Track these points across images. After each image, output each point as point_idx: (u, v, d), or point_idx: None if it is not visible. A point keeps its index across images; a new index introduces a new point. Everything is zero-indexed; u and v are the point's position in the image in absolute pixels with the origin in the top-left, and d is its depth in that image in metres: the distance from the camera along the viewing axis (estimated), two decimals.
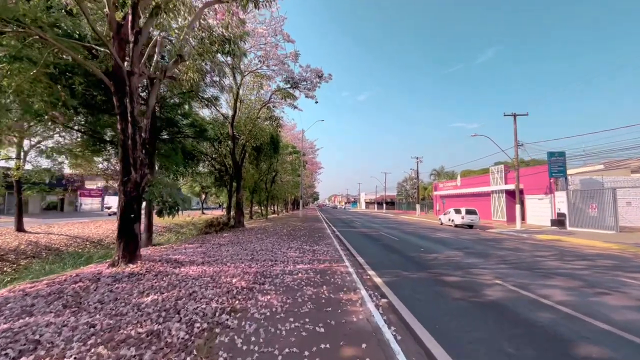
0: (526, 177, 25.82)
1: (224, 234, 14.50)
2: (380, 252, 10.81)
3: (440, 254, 10.31)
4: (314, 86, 18.97)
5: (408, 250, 11.06)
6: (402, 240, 14.09)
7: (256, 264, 7.24)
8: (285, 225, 20.14)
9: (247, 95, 18.87)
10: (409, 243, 13.22)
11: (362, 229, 20.22)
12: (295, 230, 16.89)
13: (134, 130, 6.76)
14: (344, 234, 16.76)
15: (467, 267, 8.23)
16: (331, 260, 8.12)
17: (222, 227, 15.86)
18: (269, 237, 12.75)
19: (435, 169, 55.84)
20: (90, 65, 6.67)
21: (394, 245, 12.41)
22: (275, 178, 30.05)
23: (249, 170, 20.03)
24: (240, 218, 16.70)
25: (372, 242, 13.43)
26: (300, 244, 11.20)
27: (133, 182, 6.86)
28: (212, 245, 10.63)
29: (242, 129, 17.53)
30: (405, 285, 6.22)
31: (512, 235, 18.32)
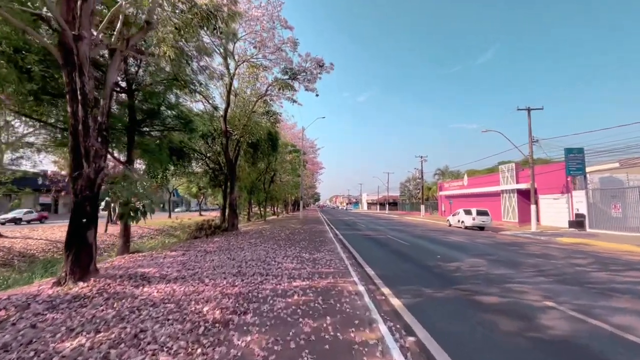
0: (539, 175, 24.28)
1: (214, 239, 13.06)
2: (391, 260, 9.34)
3: (461, 263, 8.83)
4: (314, 77, 17.55)
5: (423, 258, 9.59)
6: (413, 246, 12.61)
7: (241, 281, 5.78)
8: (283, 228, 18.70)
9: (242, 89, 17.45)
10: (421, 248, 11.75)
11: (366, 232, 18.75)
12: (294, 233, 15.43)
13: (85, 113, 5.33)
14: (348, 237, 15.29)
15: (500, 280, 6.76)
16: (335, 274, 6.66)
17: (214, 231, 14.43)
18: (263, 243, 11.30)
19: (440, 169, 54.37)
20: (32, 32, 5.26)
21: (405, 252, 10.94)
22: (274, 178, 28.62)
23: (245, 168, 18.64)
24: (234, 221, 15.27)
25: (380, 248, 11.96)
26: (299, 251, 9.74)
27: (85, 178, 5.43)
28: (197, 253, 9.18)
29: (236, 123, 16.11)
30: (433, 310, 4.76)
31: (530, 238, 16.81)
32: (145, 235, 23.52)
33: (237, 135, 15.64)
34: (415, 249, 11.73)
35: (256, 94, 16.87)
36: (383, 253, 10.72)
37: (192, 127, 11.60)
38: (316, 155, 55.28)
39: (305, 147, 42.21)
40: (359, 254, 10.13)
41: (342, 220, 33.11)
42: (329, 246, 11.01)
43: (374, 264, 8.45)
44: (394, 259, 9.59)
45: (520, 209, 27.37)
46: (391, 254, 10.43)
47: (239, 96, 17.09)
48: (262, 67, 17.25)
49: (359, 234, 17.70)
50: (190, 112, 12.32)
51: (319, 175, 66.92)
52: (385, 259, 9.55)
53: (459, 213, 24.43)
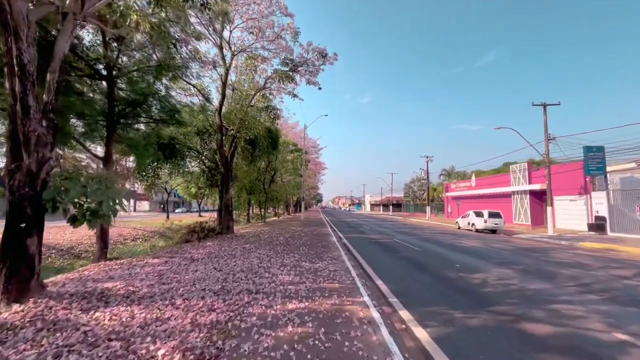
0: (554, 175, 22.92)
1: (206, 243, 11.90)
2: (405, 269, 8.12)
3: (486, 274, 7.59)
4: (316, 70, 16.39)
5: (440, 267, 8.36)
6: (425, 251, 11.38)
7: (223, 302, 4.59)
8: (283, 230, 17.51)
9: (239, 82, 16.32)
10: (435, 255, 10.51)
11: (372, 235, 17.52)
12: (295, 237, 14.23)
13: (24, 89, 4.18)
14: (353, 242, 14.07)
15: (542, 299, 5.52)
16: (341, 291, 5.45)
17: (207, 234, 13.28)
18: (259, 249, 10.11)
19: (446, 169, 52.94)
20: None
21: (418, 259, 9.71)
22: (274, 177, 27.45)
23: (242, 167, 17.49)
24: (229, 223, 14.10)
25: (389, 254, 10.74)
26: (298, 258, 8.54)
27: (25, 172, 4.28)
28: (182, 261, 8.02)
29: (232, 117, 14.97)
30: (474, 348, 3.54)
31: (550, 243, 15.50)
32: (139, 237, 22.42)
33: (233, 130, 14.49)
34: (428, 255, 10.50)
35: (254, 87, 15.73)
36: (393, 261, 9.49)
37: (180, 119, 10.45)
38: (318, 155, 54.13)
39: (307, 147, 41.06)
40: (367, 262, 8.90)
41: (345, 222, 31.88)
42: (332, 253, 9.80)
43: (385, 275, 7.24)
44: (407, 268, 8.36)
45: (532, 211, 26.01)
46: (403, 262, 9.20)
47: (236, 90, 15.96)
48: (260, 58, 16.14)
49: (364, 237, 16.47)
50: (179, 105, 11.17)
51: (321, 176, 65.80)
52: (397, 268, 8.33)
53: (469, 215, 23.13)
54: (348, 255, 9.87)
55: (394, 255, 10.45)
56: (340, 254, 9.72)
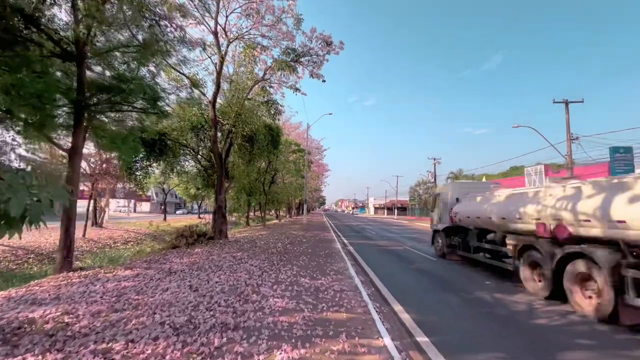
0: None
1: (194, 250, 10.53)
2: (426, 288, 6.66)
3: (530, 297, 6.11)
4: (320, 61, 15.05)
5: (468, 285, 6.90)
6: (444, 263, 9.90)
7: (181, 347, 3.17)
8: (283, 235, 16.10)
9: (237, 75, 15.01)
10: (457, 268, 9.03)
11: (379, 241, 16.04)
12: (295, 243, 12.82)
13: None
14: (359, 249, 12.62)
15: None
16: (351, 326, 4.01)
17: (197, 239, 11.91)
18: (252, 258, 8.69)
19: (453, 172, 51.24)
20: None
21: (438, 273, 8.24)
22: (275, 178, 26.07)
23: (239, 165, 16.15)
24: (222, 227, 12.71)
25: (403, 266, 9.27)
26: (297, 272, 7.12)
27: None
28: (155, 274, 6.65)
29: (227, 111, 13.66)
30: None
31: None
32: (131, 240, 21.13)
33: (228, 124, 13.17)
34: (447, 267, 9.02)
35: (252, 79, 14.41)
36: (409, 275, 8.03)
37: (162, 109, 9.12)
38: (322, 157, 52.82)
39: (311, 147, 39.73)
40: (378, 276, 7.45)
41: (350, 225, 30.39)
42: (337, 264, 8.36)
43: (404, 296, 5.79)
44: (430, 286, 6.90)
45: None
46: (421, 277, 7.74)
47: (234, 83, 14.64)
48: (260, 48, 14.85)
49: (371, 244, 15.00)
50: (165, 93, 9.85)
51: (324, 178, 64.43)
52: (417, 285, 6.88)
53: None
54: (355, 267, 8.43)
55: (409, 268, 8.98)
56: (346, 265, 8.28)
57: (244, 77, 14.25)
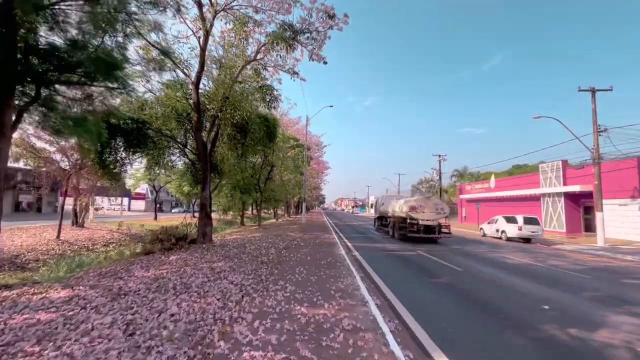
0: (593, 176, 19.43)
1: (169, 257, 8.70)
2: (470, 319, 4.83)
3: (614, 330, 4.30)
4: (322, 39, 13.20)
5: (522, 312, 5.09)
6: (471, 274, 8.09)
7: None
8: (278, 237, 14.26)
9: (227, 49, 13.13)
10: (492, 283, 7.21)
11: (387, 244, 14.20)
12: (291, 248, 11.00)
13: None
14: (366, 255, 10.79)
15: None
16: None
17: (176, 243, 10.09)
18: (234, 272, 6.85)
19: (458, 170, 49.38)
20: None
21: (474, 291, 6.42)
22: (271, 174, 24.19)
23: (229, 158, 14.27)
24: (206, 229, 10.85)
25: (425, 280, 7.44)
26: (291, 294, 5.29)
27: None
28: (96, 297, 4.82)
29: (214, 95, 11.82)
30: None
31: (619, 259, 12.12)
32: (113, 241, 19.18)
33: (214, 109, 11.33)
34: (480, 282, 7.21)
35: (244, 58, 12.55)
36: (439, 296, 6.19)
37: (122, 80, 7.23)
38: (322, 154, 50.98)
39: (310, 143, 37.88)
40: (400, 298, 5.62)
41: (351, 225, 28.55)
42: (343, 279, 6.53)
43: (446, 336, 3.97)
44: (470, 313, 5.08)
45: (568, 217, 22.56)
46: (455, 299, 5.90)
47: (222, 63, 12.77)
48: (252, 24, 12.96)
49: (378, 248, 13.18)
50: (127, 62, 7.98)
51: (324, 176, 62.57)
52: (455, 314, 5.03)
53: (498, 221, 19.76)
54: (366, 281, 6.60)
55: (433, 283, 7.15)
56: (354, 281, 6.45)
57: (233, 55, 12.37)
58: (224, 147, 14.14)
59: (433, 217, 15.11)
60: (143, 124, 12.83)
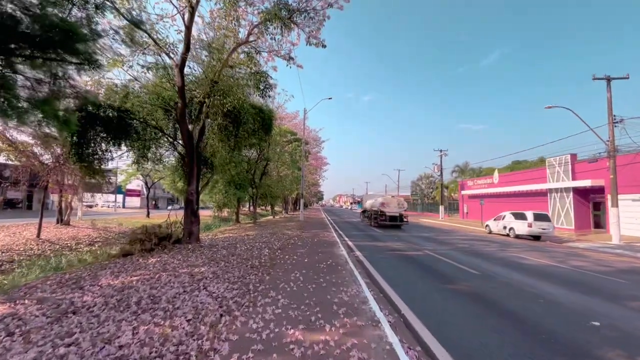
0: (604, 170, 18.51)
1: (148, 260, 7.66)
2: (498, 334, 3.82)
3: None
4: (320, 20, 12.13)
5: (556, 323, 4.10)
6: (491, 279, 7.10)
7: None
8: (273, 236, 13.23)
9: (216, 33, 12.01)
10: (521, 291, 6.20)
11: (390, 243, 13.21)
12: (287, 249, 9.99)
13: None
14: (371, 256, 9.79)
15: None
16: None
17: (158, 243, 9.05)
18: (217, 279, 5.82)
19: (459, 165, 48.47)
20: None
21: (503, 301, 5.41)
22: (266, 169, 23.08)
23: (219, 150, 13.18)
24: (192, 227, 9.79)
25: (442, 287, 6.43)
26: (283, 310, 4.27)
27: None
28: (32, 318, 3.78)
29: (202, 80, 10.73)
30: None
31: (639, 257, 11.20)
32: (99, 240, 18.08)
33: (200, 95, 10.24)
34: (502, 287, 6.21)
35: (234, 39, 11.43)
36: (462, 307, 5.17)
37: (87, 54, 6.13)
38: (320, 149, 49.86)
39: (308, 138, 36.76)
40: (418, 313, 4.62)
41: (351, 222, 27.57)
42: (347, 288, 5.52)
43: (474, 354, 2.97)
44: (505, 331, 4.07)
45: (577, 213, 21.66)
46: (481, 311, 4.90)
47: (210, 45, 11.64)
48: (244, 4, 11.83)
49: (382, 247, 12.18)
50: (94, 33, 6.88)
51: (323, 172, 61.50)
52: (486, 333, 4.03)
53: (505, 217, 18.82)
54: (374, 290, 5.58)
55: (451, 291, 6.14)
56: (360, 290, 5.43)
57: (222, 35, 11.24)
58: (215, 138, 13.04)
59: (396, 210, 20.60)
60: (125, 113, 11.75)
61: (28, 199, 43.08)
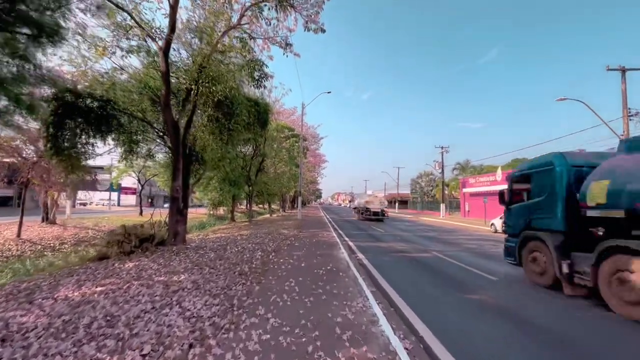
0: None
1: (124, 264, 6.76)
2: None
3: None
4: (320, 2, 11.29)
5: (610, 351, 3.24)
6: (509, 284, 6.22)
7: None
8: (268, 237, 12.33)
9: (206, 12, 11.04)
10: (534, 294, 5.35)
11: (394, 244, 12.33)
12: (281, 252, 9.10)
13: None
14: (375, 260, 8.91)
15: None
16: None
17: (139, 245, 8.13)
18: (197, 290, 4.92)
19: (460, 163, 47.66)
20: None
21: (524, 313, 4.54)
22: (262, 165, 22.13)
23: (209, 143, 12.19)
24: (177, 228, 8.85)
25: (456, 294, 5.55)
26: (273, 335, 3.38)
27: None
28: None
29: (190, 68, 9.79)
30: None
31: None
32: (85, 240, 17.08)
33: (187, 81, 9.30)
34: (530, 298, 5.34)
35: (226, 21, 10.48)
36: (491, 327, 4.29)
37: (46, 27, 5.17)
38: (318, 147, 48.94)
39: (306, 134, 35.82)
40: (440, 335, 3.73)
41: (350, 221, 26.70)
42: (351, 304, 4.63)
43: None
44: None
45: None
46: (518, 333, 4.02)
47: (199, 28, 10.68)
48: None
49: (385, 248, 11.31)
50: None
51: (321, 170, 60.60)
52: None
53: None
54: (383, 302, 4.70)
55: (471, 301, 5.25)
56: (367, 304, 4.55)
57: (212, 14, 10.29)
58: (205, 131, 12.08)
59: (378, 207, 25.61)
60: (108, 103, 10.82)
61: (20, 196, 41.95)
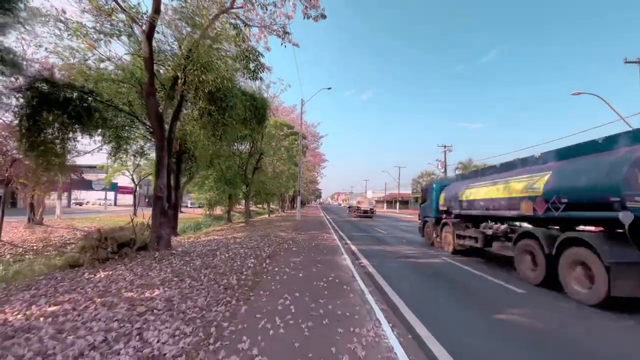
0: None
1: (97, 274, 5.84)
2: None
3: None
4: None
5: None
6: (538, 299, 5.31)
7: None
8: (264, 239, 11.41)
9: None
10: (574, 315, 4.44)
11: (400, 248, 11.42)
12: (277, 257, 8.18)
13: None
14: (382, 267, 8.00)
15: None
16: None
17: (117, 251, 7.23)
18: (168, 313, 4.00)
19: (462, 162, 46.62)
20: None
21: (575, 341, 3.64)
22: (259, 163, 21.18)
23: (200, 138, 11.25)
24: (161, 231, 7.88)
25: (488, 315, 4.63)
26: None
27: None
28: None
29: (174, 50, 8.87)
30: None
31: None
32: (72, 242, 16.10)
33: (172, 68, 8.38)
34: (568, 316, 4.44)
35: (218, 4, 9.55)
36: None
37: None
38: (318, 145, 47.96)
39: (306, 133, 34.85)
40: None
41: (351, 222, 25.80)
42: (360, 331, 3.73)
43: None
44: None
45: None
46: None
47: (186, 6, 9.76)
48: None
49: (391, 252, 10.40)
50: None
51: (321, 169, 59.64)
52: None
53: None
54: (399, 329, 3.79)
55: (501, 323, 4.33)
56: (380, 330, 3.65)
57: None
58: (195, 125, 11.17)
59: (367, 206, 30.27)
60: (88, 94, 9.96)
61: (12, 196, 40.99)
